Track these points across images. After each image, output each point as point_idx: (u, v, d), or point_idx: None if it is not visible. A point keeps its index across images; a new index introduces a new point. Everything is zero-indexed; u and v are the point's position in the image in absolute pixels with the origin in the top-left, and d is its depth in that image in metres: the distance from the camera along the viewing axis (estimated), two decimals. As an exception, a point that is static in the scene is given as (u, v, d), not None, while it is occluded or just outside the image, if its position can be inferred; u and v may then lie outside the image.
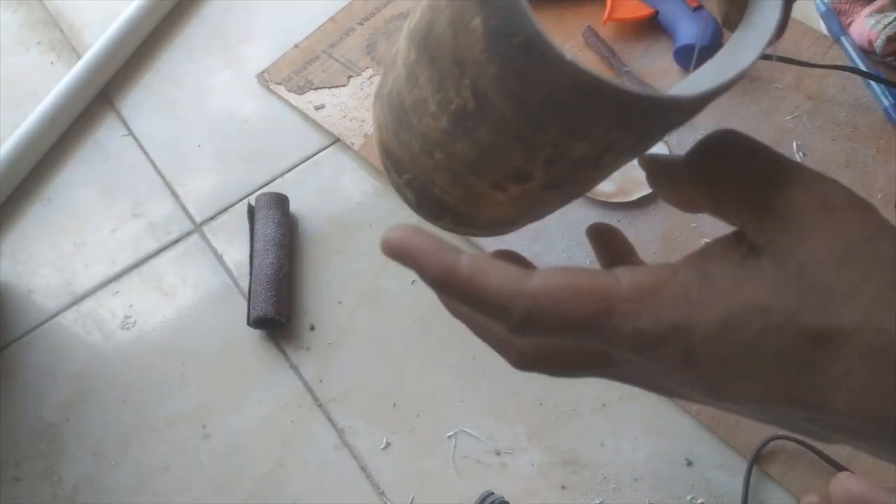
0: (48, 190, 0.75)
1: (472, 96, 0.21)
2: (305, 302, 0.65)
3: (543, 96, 0.20)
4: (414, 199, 0.28)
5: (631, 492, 0.54)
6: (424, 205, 0.28)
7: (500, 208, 0.26)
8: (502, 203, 0.25)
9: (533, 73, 0.19)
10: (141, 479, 0.59)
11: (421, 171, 0.26)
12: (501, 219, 0.27)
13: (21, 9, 0.89)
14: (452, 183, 0.25)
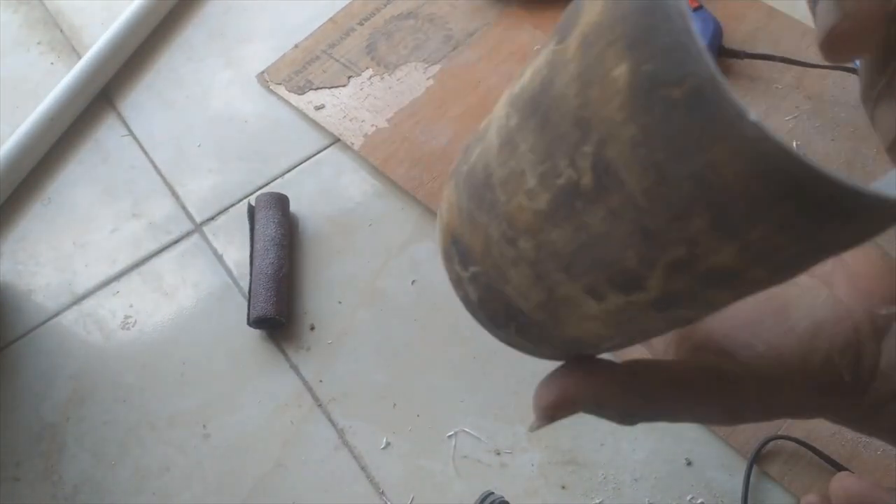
0: (48, 190, 0.75)
1: (592, 168, 0.17)
2: (305, 302, 0.65)
3: (699, 172, 0.15)
4: (476, 298, 0.23)
5: (631, 491, 0.54)
6: (487, 307, 0.23)
7: (587, 324, 0.21)
8: (591, 317, 0.20)
9: (692, 137, 0.15)
10: (141, 479, 0.59)
11: (494, 263, 0.21)
12: (581, 338, 0.22)
13: (21, 9, 0.89)
14: (533, 282, 0.21)
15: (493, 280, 0.22)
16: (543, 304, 0.21)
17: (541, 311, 0.21)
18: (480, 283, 0.22)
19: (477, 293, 0.23)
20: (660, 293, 0.18)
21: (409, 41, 0.77)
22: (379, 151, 0.70)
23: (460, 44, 0.76)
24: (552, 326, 0.22)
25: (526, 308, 0.21)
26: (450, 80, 0.74)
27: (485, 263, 0.22)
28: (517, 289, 0.21)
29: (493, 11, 0.78)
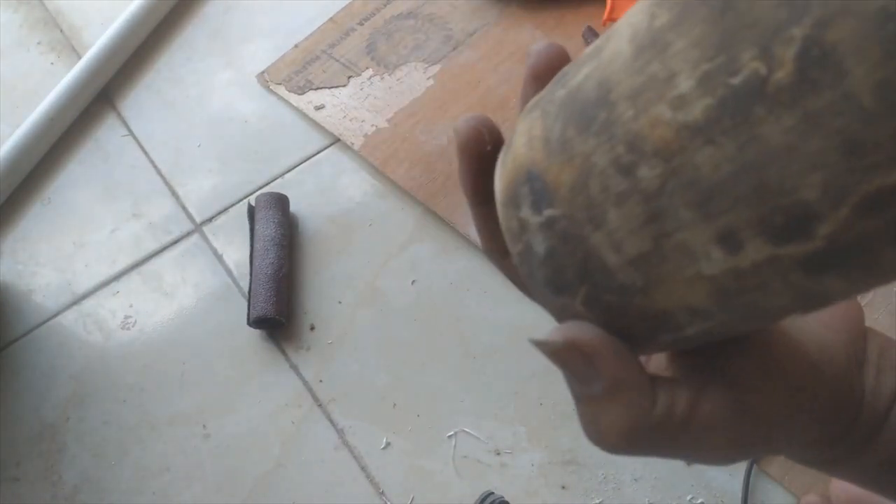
0: (48, 190, 0.75)
1: (798, 57, 0.13)
2: (305, 302, 0.65)
3: None
4: (543, 250, 0.19)
5: (631, 492, 0.54)
6: (556, 262, 0.19)
7: (691, 290, 0.17)
8: (705, 279, 0.16)
9: None
10: (141, 479, 0.59)
11: (588, 202, 0.17)
12: (670, 314, 0.18)
13: (21, 9, 0.89)
14: (641, 225, 0.17)
15: (577, 225, 0.18)
16: (643, 257, 0.17)
17: (633, 268, 0.17)
18: (556, 230, 0.18)
19: (546, 244, 0.19)
20: (827, 245, 0.14)
21: (409, 41, 0.77)
22: (379, 151, 0.70)
23: (460, 44, 0.76)
24: (639, 292, 0.18)
25: (613, 263, 0.17)
26: (450, 79, 0.74)
27: (573, 203, 0.18)
28: (611, 235, 0.17)
29: (493, 11, 0.78)
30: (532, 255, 0.20)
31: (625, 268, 0.17)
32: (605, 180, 0.17)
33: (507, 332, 0.61)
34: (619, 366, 0.19)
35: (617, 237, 0.17)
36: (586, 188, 0.17)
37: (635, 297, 0.18)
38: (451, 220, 0.65)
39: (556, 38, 0.74)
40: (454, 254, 0.65)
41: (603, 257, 0.18)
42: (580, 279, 0.19)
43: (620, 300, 0.18)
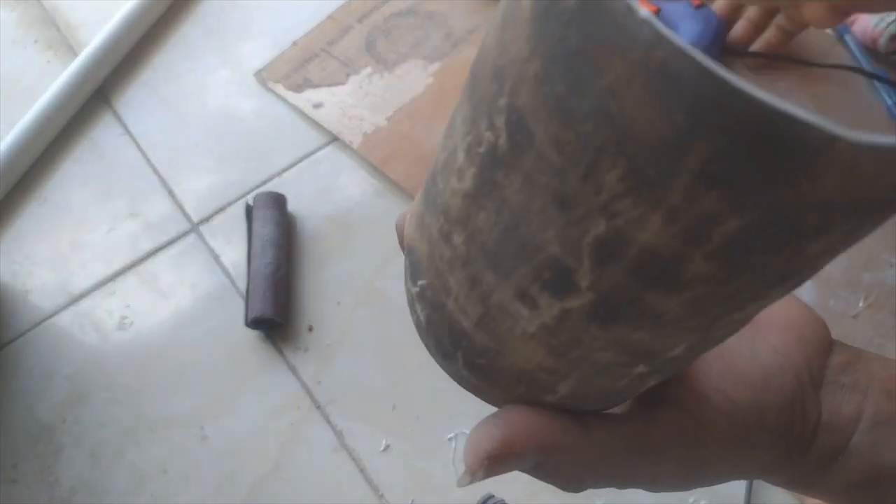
0: (44, 189, 0.74)
1: (506, 124, 0.14)
2: (304, 302, 0.64)
3: (600, 105, 0.12)
4: (424, 319, 0.21)
5: (633, 493, 0.54)
6: (434, 329, 0.20)
7: (529, 349, 0.18)
8: (530, 337, 0.17)
9: (588, 56, 0.12)
10: (138, 481, 0.59)
11: (437, 270, 0.19)
12: (529, 374, 0.19)
13: (17, 7, 0.89)
14: (469, 289, 0.18)
15: (438, 293, 0.19)
16: (482, 320, 0.18)
17: (482, 330, 0.18)
18: (427, 299, 0.20)
19: (425, 312, 0.20)
20: (595, 296, 0.15)
21: (408, 38, 0.77)
22: (378, 150, 0.70)
23: (460, 41, 0.76)
24: (496, 353, 0.19)
25: (468, 327, 0.19)
26: (450, 77, 0.73)
27: (429, 272, 0.19)
28: (457, 301, 0.18)
29: (493, 8, 0.77)
30: (420, 326, 0.21)
31: (476, 331, 0.19)
32: (440, 248, 0.18)
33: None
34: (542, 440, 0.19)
35: (461, 302, 0.18)
36: (433, 258, 0.19)
37: (497, 359, 0.19)
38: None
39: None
40: (454, 253, 0.64)
41: (461, 323, 0.19)
42: (454, 346, 0.20)
43: (489, 363, 0.19)
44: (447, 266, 0.18)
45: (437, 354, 0.21)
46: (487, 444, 0.19)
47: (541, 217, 0.15)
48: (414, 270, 0.21)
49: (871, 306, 0.55)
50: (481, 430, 0.20)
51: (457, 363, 0.20)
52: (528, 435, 0.19)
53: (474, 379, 0.20)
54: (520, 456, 0.19)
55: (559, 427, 0.20)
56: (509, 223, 0.15)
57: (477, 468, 0.19)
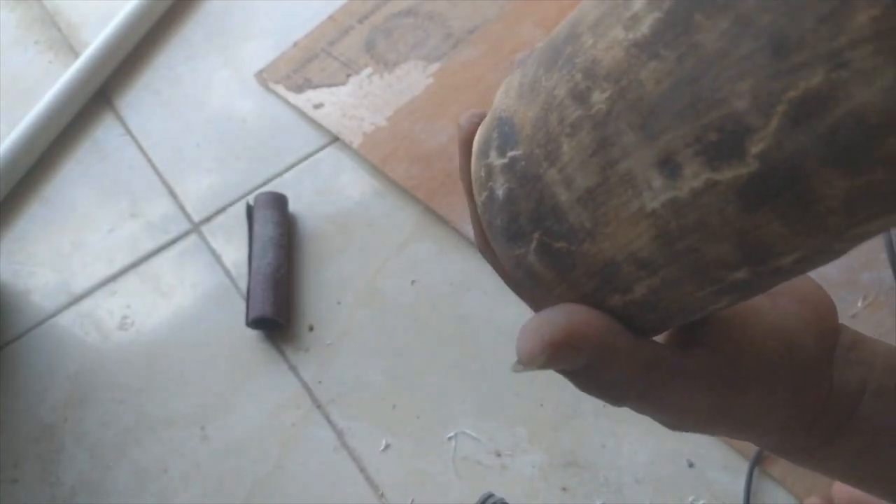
0: (46, 189, 0.75)
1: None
2: (304, 302, 0.64)
3: None
4: (502, 194, 0.19)
5: (632, 493, 0.54)
6: (513, 206, 0.19)
7: (635, 231, 0.17)
8: (645, 216, 0.17)
9: None
10: (139, 481, 0.59)
11: (547, 137, 0.18)
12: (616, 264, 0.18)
13: (19, 7, 0.89)
14: (590, 156, 0.17)
15: (535, 163, 0.18)
16: (590, 192, 0.17)
17: (582, 206, 0.17)
18: (516, 172, 0.19)
19: (506, 186, 0.19)
20: (759, 167, 0.14)
21: (408, 39, 0.77)
22: (378, 150, 0.70)
23: (460, 41, 0.76)
24: (586, 236, 0.18)
25: (564, 203, 0.18)
26: (450, 77, 0.73)
27: (533, 140, 0.18)
28: (563, 170, 0.17)
29: (493, 8, 0.77)
30: (493, 201, 0.20)
31: (574, 207, 0.18)
32: (562, 111, 0.17)
33: (508, 333, 0.60)
34: (601, 338, 0.19)
35: (568, 171, 0.17)
36: (546, 122, 0.18)
37: (584, 243, 0.18)
38: (451, 219, 0.65)
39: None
40: (454, 254, 0.64)
41: (555, 195, 0.18)
42: (534, 224, 0.19)
43: (570, 248, 0.18)
44: (568, 129, 0.17)
45: (503, 235, 0.20)
46: (551, 331, 0.19)
47: (740, 65, 0.13)
48: (504, 141, 0.19)
49: (870, 306, 0.56)
50: (542, 319, 0.19)
51: (526, 246, 0.19)
52: (591, 329, 0.19)
53: (540, 267, 0.19)
54: (579, 350, 0.19)
55: (619, 329, 0.19)
56: (690, 73, 0.14)
57: (538, 354, 0.19)
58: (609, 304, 0.19)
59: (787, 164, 0.14)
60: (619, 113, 0.16)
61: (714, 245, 0.16)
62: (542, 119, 0.18)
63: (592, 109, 0.17)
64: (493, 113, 0.21)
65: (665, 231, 0.17)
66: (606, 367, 0.19)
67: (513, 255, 0.20)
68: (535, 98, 0.18)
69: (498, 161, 0.19)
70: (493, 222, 0.20)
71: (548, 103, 0.18)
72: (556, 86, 0.17)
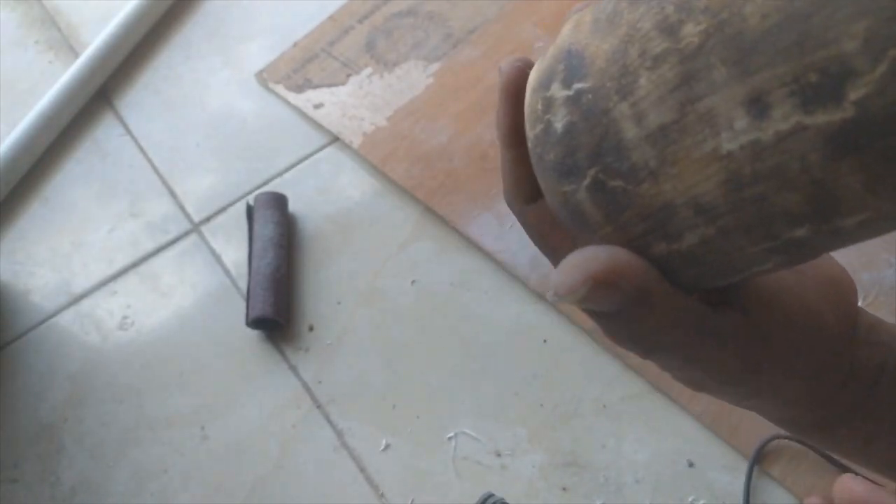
0: (46, 189, 0.75)
1: None
2: (304, 302, 0.64)
3: None
4: (562, 127, 0.19)
5: (632, 493, 0.54)
6: (573, 140, 0.18)
7: (703, 172, 0.16)
8: (718, 158, 0.16)
9: None
10: (139, 481, 0.59)
11: (621, 70, 0.17)
12: (673, 207, 0.17)
13: (19, 7, 0.89)
14: (672, 89, 0.16)
15: (604, 97, 0.17)
16: (663, 130, 0.16)
17: (650, 144, 0.17)
18: (581, 105, 0.18)
19: (567, 119, 0.18)
20: (856, 114, 0.13)
21: (408, 39, 0.77)
22: (378, 150, 0.70)
23: (460, 41, 0.76)
24: (648, 175, 0.17)
25: (630, 139, 0.17)
26: (450, 77, 0.73)
27: (605, 73, 0.17)
28: (636, 105, 0.17)
29: (493, 8, 0.77)
30: (549, 133, 0.19)
31: (641, 144, 0.17)
32: (646, 44, 0.16)
33: (507, 333, 0.60)
34: (642, 282, 0.19)
35: (642, 107, 0.17)
36: (624, 55, 0.17)
37: (643, 184, 0.17)
38: (451, 219, 0.65)
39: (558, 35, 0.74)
40: (454, 254, 0.64)
41: (622, 131, 0.17)
42: (591, 159, 0.18)
43: (626, 187, 0.18)
44: (649, 63, 0.16)
45: (554, 170, 0.19)
46: (595, 265, 0.18)
47: (860, 4, 0.13)
48: (571, 73, 0.18)
49: (870, 306, 0.56)
50: (586, 253, 0.19)
51: (580, 182, 0.18)
52: (632, 268, 0.19)
53: (590, 205, 0.19)
54: (620, 289, 0.18)
55: (660, 278, 0.19)
56: (801, 9, 0.14)
57: (579, 286, 0.18)
58: (653, 251, 0.19)
59: (885, 113, 0.13)
60: (712, 47, 0.15)
61: (785, 195, 0.15)
62: (619, 52, 0.17)
63: (682, 42, 0.16)
64: (558, 47, 0.20)
65: (737, 175, 0.16)
66: (642, 314, 0.19)
67: (561, 192, 0.19)
68: (613, 31, 0.17)
69: (561, 93, 0.18)
70: (544, 156, 0.19)
71: (629, 36, 0.17)
72: (642, 18, 0.17)
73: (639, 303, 0.19)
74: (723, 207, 0.17)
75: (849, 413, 0.23)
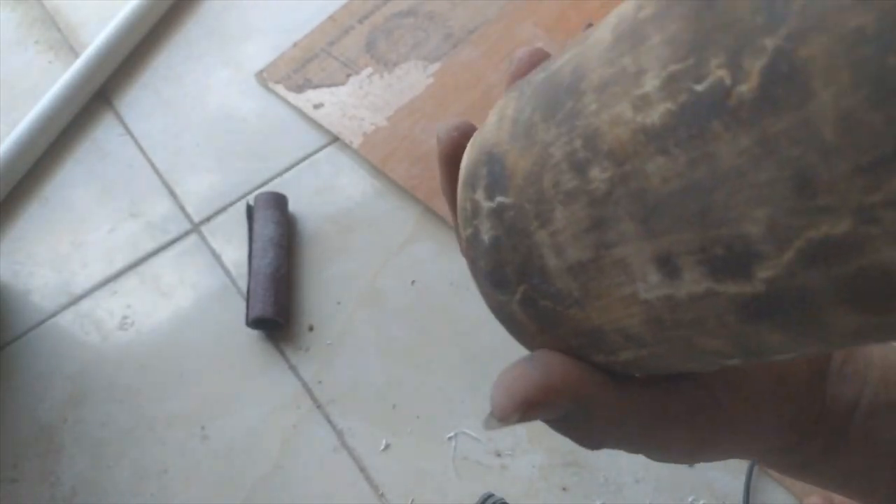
0: (46, 189, 0.75)
1: (764, 72, 0.12)
2: (304, 302, 0.64)
3: None
4: (488, 240, 0.18)
5: (632, 493, 0.54)
6: (498, 255, 0.18)
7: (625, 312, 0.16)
8: (640, 303, 0.16)
9: None
10: (139, 481, 0.59)
11: (538, 196, 0.17)
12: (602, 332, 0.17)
13: (19, 7, 0.89)
14: (584, 231, 0.16)
15: (525, 218, 0.17)
16: (582, 266, 0.16)
17: (571, 277, 0.16)
18: (504, 220, 0.18)
19: (492, 233, 0.18)
20: (766, 291, 0.13)
21: (408, 39, 0.77)
22: (378, 150, 0.70)
23: (460, 41, 0.76)
24: (573, 303, 0.17)
25: (552, 267, 0.17)
26: (450, 77, 0.73)
27: (523, 194, 0.17)
28: (554, 237, 0.16)
29: (493, 8, 0.77)
30: (478, 242, 0.19)
31: (563, 275, 0.17)
32: (558, 175, 0.16)
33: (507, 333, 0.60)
34: (579, 391, 0.19)
35: (560, 239, 0.16)
36: (539, 180, 0.17)
37: (571, 308, 0.17)
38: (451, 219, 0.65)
39: (557, 36, 0.74)
40: (454, 254, 0.64)
41: (544, 258, 0.17)
42: (519, 278, 0.18)
43: (556, 308, 0.17)
44: (562, 197, 0.16)
45: (487, 280, 0.19)
46: (525, 388, 0.18)
47: (759, 192, 0.12)
48: (494, 183, 0.18)
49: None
50: (517, 372, 0.18)
51: (511, 296, 0.18)
52: (567, 382, 0.18)
53: (524, 317, 0.18)
54: (555, 404, 0.18)
55: (598, 380, 0.19)
56: (701, 182, 0.13)
57: (511, 412, 0.18)
58: (593, 360, 0.19)
59: (797, 294, 0.13)
60: (618, 198, 0.15)
61: (709, 340, 0.15)
62: (535, 175, 0.17)
63: (590, 185, 0.15)
64: (483, 142, 0.19)
65: (658, 319, 0.16)
66: (585, 418, 0.19)
67: (495, 299, 0.19)
68: (529, 146, 0.17)
69: (485, 203, 0.18)
70: (477, 262, 0.19)
71: (542, 159, 0.16)
72: (553, 143, 0.16)
73: (581, 410, 0.19)
74: (650, 340, 0.16)
75: (823, 452, 0.23)
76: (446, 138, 0.21)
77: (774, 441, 0.22)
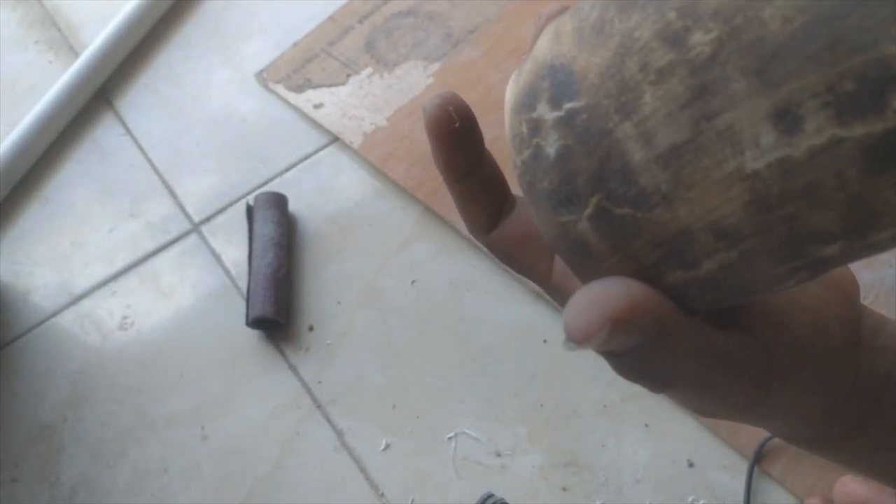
0: (46, 189, 0.75)
1: None
2: (304, 302, 0.64)
3: None
4: (554, 152, 0.17)
5: (632, 493, 0.54)
6: (569, 164, 0.17)
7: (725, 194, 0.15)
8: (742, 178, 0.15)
9: None
10: (139, 480, 0.59)
11: (619, 87, 0.16)
12: (691, 232, 0.16)
13: (19, 7, 0.89)
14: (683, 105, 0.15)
15: (602, 116, 0.16)
16: (675, 150, 0.15)
17: (660, 167, 0.15)
18: (575, 126, 0.16)
19: (560, 143, 0.17)
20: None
21: (408, 39, 0.77)
22: (378, 150, 0.70)
23: (460, 41, 0.76)
24: (661, 201, 0.15)
25: (639, 160, 0.15)
26: (450, 77, 0.73)
27: (601, 90, 0.16)
28: (642, 125, 0.15)
29: (493, 8, 0.77)
30: (540, 160, 0.17)
31: (651, 166, 0.15)
32: (646, 55, 0.15)
33: (507, 333, 0.60)
34: (660, 318, 0.17)
35: (649, 126, 0.15)
36: (621, 69, 0.15)
37: (655, 210, 0.16)
38: (451, 219, 0.65)
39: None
40: (454, 254, 0.64)
41: (627, 154, 0.16)
42: (592, 186, 0.16)
43: (636, 214, 0.16)
44: (653, 76, 0.15)
45: (549, 200, 0.17)
46: (611, 303, 0.16)
47: None
48: (560, 91, 0.17)
49: (870, 305, 0.56)
50: (599, 289, 0.17)
51: (580, 211, 0.17)
52: (651, 303, 0.17)
53: (593, 236, 0.17)
54: (638, 326, 0.17)
55: (676, 310, 0.17)
56: (831, 11, 0.12)
57: (596, 330, 0.16)
58: (666, 280, 0.17)
59: None
60: (728, 56, 0.14)
61: (818, 213, 0.14)
62: (614, 66, 0.15)
63: (691, 53, 0.14)
64: (538, 62, 0.18)
65: (764, 196, 0.14)
66: (660, 352, 0.17)
67: (558, 222, 0.18)
68: (603, 42, 0.16)
69: (550, 114, 0.17)
70: (536, 184, 0.18)
71: (624, 47, 0.15)
72: (638, 27, 0.15)
73: (657, 340, 0.17)
74: (747, 230, 0.15)
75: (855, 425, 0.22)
76: (432, 107, 0.21)
77: (815, 401, 0.22)
